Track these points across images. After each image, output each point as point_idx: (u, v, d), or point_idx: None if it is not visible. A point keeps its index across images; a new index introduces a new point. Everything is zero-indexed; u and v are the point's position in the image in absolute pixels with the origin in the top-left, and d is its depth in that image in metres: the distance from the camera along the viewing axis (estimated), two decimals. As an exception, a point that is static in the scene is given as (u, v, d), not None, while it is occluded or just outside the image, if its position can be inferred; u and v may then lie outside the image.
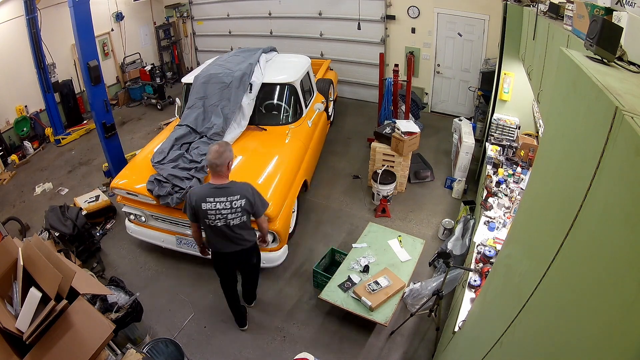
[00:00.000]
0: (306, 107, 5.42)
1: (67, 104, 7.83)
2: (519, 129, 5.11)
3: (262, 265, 4.16)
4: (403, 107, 6.21)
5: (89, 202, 5.21)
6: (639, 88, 1.09)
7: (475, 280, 3.12)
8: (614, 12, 1.71)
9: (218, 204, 2.86)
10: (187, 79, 5.54)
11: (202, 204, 2.87)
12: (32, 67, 6.96)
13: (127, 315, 3.21)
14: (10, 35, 6.69)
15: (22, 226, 5.04)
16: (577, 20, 2.24)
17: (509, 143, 4.94)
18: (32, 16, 6.60)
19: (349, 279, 3.74)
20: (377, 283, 3.62)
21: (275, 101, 5.28)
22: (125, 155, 5.96)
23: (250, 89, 4.87)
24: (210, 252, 3.34)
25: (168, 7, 9.75)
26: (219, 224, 2.94)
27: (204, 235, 3.24)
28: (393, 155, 5.31)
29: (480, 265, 3.32)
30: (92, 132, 7.54)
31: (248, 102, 4.82)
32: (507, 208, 3.97)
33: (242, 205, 2.88)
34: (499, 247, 3.44)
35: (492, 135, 5.15)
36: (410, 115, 6.19)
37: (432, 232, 4.95)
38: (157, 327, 3.85)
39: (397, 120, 5.50)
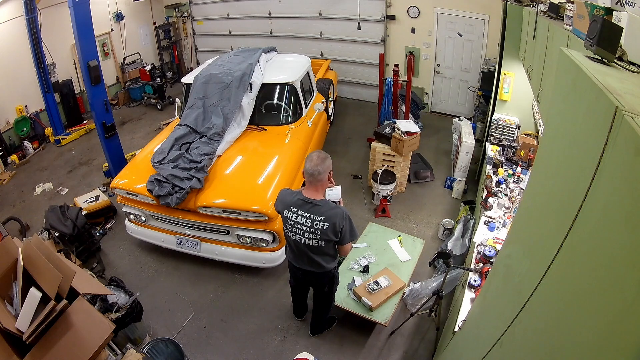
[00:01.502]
0: (306, 107, 5.42)
1: (67, 104, 7.84)
2: (519, 129, 5.11)
3: (262, 265, 4.19)
4: (403, 107, 6.21)
5: (89, 202, 5.21)
6: (639, 88, 1.09)
7: (475, 280, 3.12)
8: (614, 12, 1.71)
9: (300, 217, 2.64)
10: (187, 79, 5.54)
11: (286, 210, 2.72)
12: (32, 67, 6.97)
13: (127, 315, 3.21)
14: (10, 35, 6.69)
15: (22, 226, 5.04)
16: (577, 20, 2.24)
17: (509, 143, 4.94)
18: (32, 16, 6.60)
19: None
20: (377, 283, 3.62)
21: (275, 101, 5.28)
22: (125, 155, 5.96)
23: (250, 89, 4.87)
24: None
25: (168, 7, 9.75)
26: (296, 238, 2.75)
27: None
28: (393, 155, 5.31)
29: (480, 265, 3.32)
30: (92, 132, 7.54)
31: (248, 102, 4.82)
32: (507, 208, 3.97)
33: (324, 229, 2.59)
34: (499, 247, 3.43)
35: (492, 135, 5.15)
36: (410, 115, 6.20)
37: (432, 232, 4.95)
38: (157, 327, 3.85)
39: (397, 120, 5.50)
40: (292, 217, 2.68)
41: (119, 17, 8.54)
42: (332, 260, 2.87)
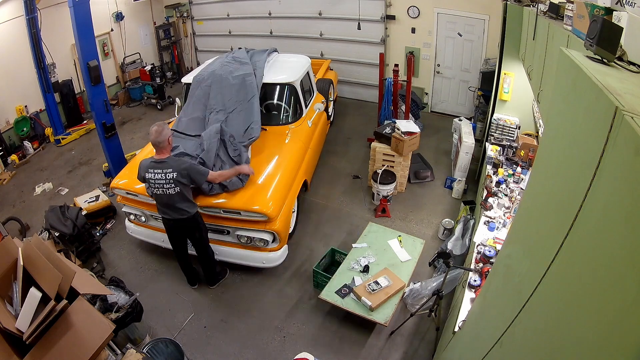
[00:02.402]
0: (306, 107, 5.42)
1: (67, 104, 7.84)
2: (519, 129, 5.11)
3: (262, 265, 4.19)
4: (403, 107, 6.21)
5: (89, 202, 5.21)
6: (639, 88, 1.09)
7: (475, 280, 3.12)
8: (614, 12, 1.71)
9: (156, 174, 3.32)
10: (187, 79, 5.54)
11: (146, 174, 3.37)
12: (32, 67, 6.97)
13: (127, 315, 3.21)
14: (10, 35, 6.69)
15: (22, 226, 5.04)
16: (577, 20, 2.24)
17: (509, 143, 4.94)
18: (32, 16, 6.60)
19: (346, 286, 3.72)
20: (377, 283, 3.62)
21: (275, 101, 5.28)
22: (125, 155, 5.96)
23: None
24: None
25: (168, 7, 9.75)
26: (158, 192, 3.40)
27: None
28: (393, 155, 5.31)
29: (480, 265, 3.32)
30: (92, 132, 7.54)
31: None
32: (507, 208, 3.97)
33: (175, 177, 3.30)
34: (499, 247, 3.44)
35: (492, 135, 5.15)
36: (410, 115, 6.20)
37: (432, 232, 4.95)
38: (157, 327, 3.85)
39: (397, 120, 5.50)
40: (151, 177, 3.34)
41: (119, 17, 8.54)
42: (192, 206, 3.56)
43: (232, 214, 3.94)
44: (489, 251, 3.38)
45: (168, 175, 3.31)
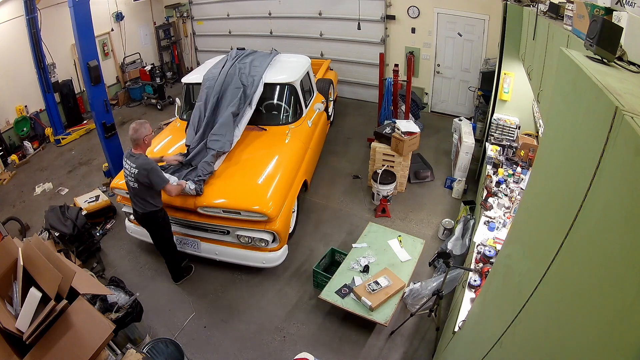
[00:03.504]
0: (306, 107, 5.42)
1: (67, 104, 7.84)
2: (519, 129, 5.11)
3: (262, 265, 4.19)
4: (403, 107, 6.21)
5: (89, 202, 5.21)
6: (639, 88, 1.09)
7: (475, 280, 3.12)
8: (614, 12, 1.71)
9: (126, 164, 3.54)
10: (188, 79, 5.54)
11: (123, 161, 3.59)
12: (32, 67, 6.97)
13: (127, 315, 3.21)
14: (10, 35, 6.69)
15: (22, 226, 5.04)
16: (577, 20, 2.24)
17: (509, 143, 4.94)
18: (32, 16, 6.60)
19: (346, 286, 3.73)
20: (377, 283, 3.62)
21: (275, 101, 5.28)
22: (125, 155, 5.96)
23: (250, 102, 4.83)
24: None
25: (168, 7, 9.75)
26: (126, 180, 3.63)
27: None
28: (393, 155, 5.31)
29: (480, 265, 3.32)
30: (92, 132, 7.54)
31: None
32: (507, 208, 3.97)
33: (136, 173, 3.47)
34: (499, 247, 3.44)
35: (492, 135, 5.15)
36: (410, 115, 6.19)
37: (432, 232, 4.95)
38: (157, 327, 3.85)
39: (397, 120, 5.50)
40: (125, 165, 3.56)
41: (119, 17, 8.54)
42: (151, 205, 3.68)
43: (232, 214, 3.94)
44: (489, 251, 3.38)
45: (132, 170, 3.49)
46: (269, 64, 5.38)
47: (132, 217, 4.45)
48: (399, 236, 4.26)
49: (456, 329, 2.72)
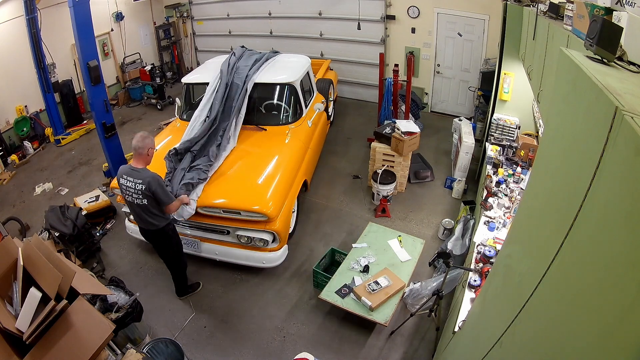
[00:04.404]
0: (306, 107, 5.42)
1: (67, 104, 7.84)
2: (519, 129, 5.11)
3: (262, 265, 4.19)
4: (403, 107, 6.21)
5: (89, 202, 5.21)
6: (639, 88, 1.09)
7: (475, 280, 3.12)
8: (614, 12, 1.71)
9: (128, 182, 3.31)
10: (188, 79, 5.54)
11: (120, 179, 3.36)
12: (32, 67, 6.97)
13: (127, 315, 3.21)
14: (10, 35, 6.69)
15: (22, 226, 5.04)
16: (577, 20, 2.24)
17: (509, 143, 4.94)
18: (32, 16, 6.60)
19: (346, 286, 3.73)
20: (377, 283, 3.62)
21: (275, 101, 5.28)
22: (125, 155, 5.96)
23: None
24: None
25: (168, 7, 9.75)
26: (129, 199, 3.39)
27: None
28: (393, 155, 5.31)
29: (480, 265, 3.32)
30: (92, 132, 7.54)
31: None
32: (507, 208, 3.97)
33: (142, 189, 3.27)
34: (499, 247, 3.44)
35: (492, 135, 5.15)
36: (410, 115, 6.19)
37: (432, 232, 4.95)
38: (157, 327, 3.85)
39: (397, 120, 5.50)
40: (124, 183, 3.33)
41: (119, 17, 8.54)
42: (162, 219, 3.51)
43: (232, 214, 3.94)
44: (489, 251, 3.38)
45: (137, 186, 3.27)
46: (262, 65, 5.38)
47: (132, 217, 4.45)
48: (399, 236, 4.26)
49: (456, 329, 2.72)
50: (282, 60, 5.89)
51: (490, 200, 4.09)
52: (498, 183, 4.30)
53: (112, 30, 8.52)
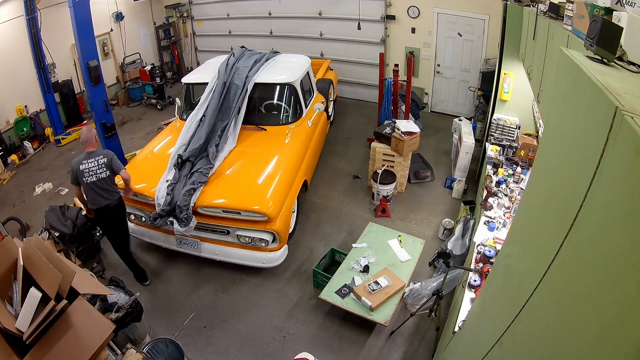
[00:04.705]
0: (306, 107, 5.42)
1: (67, 104, 7.84)
2: (519, 129, 5.11)
3: (262, 265, 4.19)
4: (403, 107, 6.21)
5: (89, 202, 5.20)
6: (639, 88, 1.09)
7: (475, 280, 3.12)
8: (614, 12, 1.71)
9: (89, 163, 3.73)
10: (188, 79, 5.54)
11: (80, 166, 3.73)
12: (32, 67, 6.97)
13: (127, 315, 3.21)
14: (10, 35, 6.68)
15: (22, 226, 5.04)
16: (577, 20, 2.24)
17: (509, 143, 4.94)
18: (32, 16, 6.60)
19: (346, 286, 3.73)
20: (377, 283, 3.62)
21: (275, 101, 5.28)
22: (125, 155, 5.96)
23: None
24: (93, 212, 3.99)
25: (168, 7, 9.75)
26: (92, 179, 3.75)
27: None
28: (393, 155, 5.31)
29: (480, 265, 3.32)
30: (92, 132, 7.53)
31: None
32: (507, 208, 3.97)
33: (105, 162, 3.77)
34: (499, 247, 3.43)
35: (492, 135, 5.15)
36: (410, 115, 6.19)
37: (432, 232, 4.95)
38: (157, 327, 3.85)
39: (397, 120, 5.50)
40: (85, 167, 3.73)
41: (119, 17, 8.54)
42: (116, 193, 3.97)
43: (232, 214, 3.94)
44: (489, 251, 3.38)
45: (100, 161, 3.75)
46: (262, 65, 5.37)
47: (132, 217, 4.46)
48: (399, 236, 4.26)
49: (456, 329, 2.72)
50: (282, 60, 5.89)
51: (490, 200, 4.09)
52: (498, 183, 4.30)
53: (112, 30, 8.52)
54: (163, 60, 9.99)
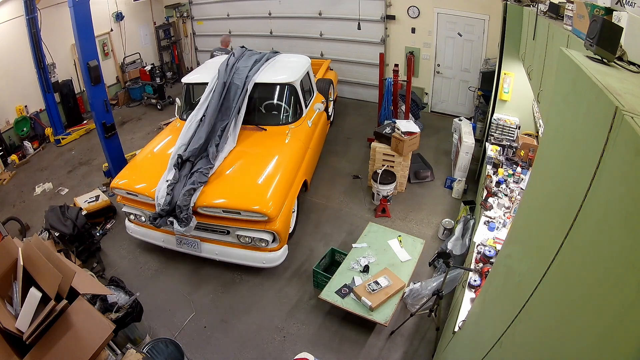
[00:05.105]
0: (306, 107, 5.42)
1: (67, 104, 7.84)
2: (519, 129, 5.11)
3: (262, 265, 4.20)
4: (403, 107, 6.21)
5: (89, 202, 5.21)
6: (639, 88, 1.09)
7: (475, 280, 3.12)
8: (614, 12, 1.71)
9: None
10: (188, 79, 5.54)
11: None
12: (32, 67, 6.97)
13: (127, 315, 3.21)
14: (10, 35, 6.69)
15: (22, 226, 5.04)
16: (577, 20, 2.24)
17: (509, 143, 4.94)
18: (32, 16, 6.60)
19: (346, 286, 3.73)
20: (377, 283, 3.62)
21: (275, 101, 5.28)
22: (125, 155, 5.96)
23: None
24: None
25: (168, 7, 9.75)
26: None
27: None
28: (393, 155, 5.31)
29: (480, 265, 3.32)
30: (92, 132, 7.54)
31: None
32: (507, 208, 3.97)
33: None
34: (499, 247, 3.44)
35: (492, 135, 5.15)
36: (410, 115, 6.19)
37: (432, 232, 4.95)
38: (157, 327, 3.85)
39: (397, 120, 5.50)
40: None
41: (119, 17, 8.54)
42: None
43: (232, 214, 3.94)
44: (489, 251, 3.38)
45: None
46: (262, 65, 5.37)
47: (132, 217, 4.45)
48: (399, 236, 4.26)
49: (456, 329, 2.72)
50: (282, 61, 5.89)
51: (490, 200, 4.09)
52: (498, 183, 4.30)
53: (112, 30, 8.52)
54: (163, 60, 9.99)
